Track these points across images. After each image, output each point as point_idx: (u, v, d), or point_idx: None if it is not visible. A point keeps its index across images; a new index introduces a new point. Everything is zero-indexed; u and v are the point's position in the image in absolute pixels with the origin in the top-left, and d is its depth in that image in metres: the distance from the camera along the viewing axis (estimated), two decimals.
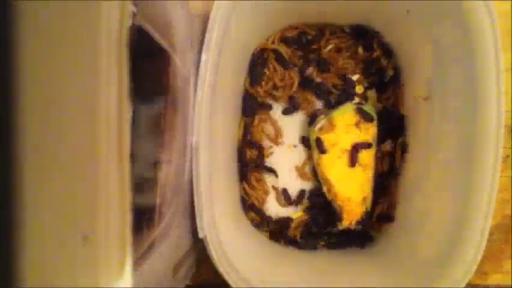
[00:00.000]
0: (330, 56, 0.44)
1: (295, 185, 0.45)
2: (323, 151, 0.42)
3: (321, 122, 0.42)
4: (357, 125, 0.42)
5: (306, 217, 0.44)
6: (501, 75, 0.31)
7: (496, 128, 0.32)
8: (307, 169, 0.45)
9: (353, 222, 0.42)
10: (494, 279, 0.45)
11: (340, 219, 0.42)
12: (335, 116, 0.42)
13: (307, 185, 0.45)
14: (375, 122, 0.42)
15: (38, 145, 0.14)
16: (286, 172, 0.45)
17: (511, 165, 0.45)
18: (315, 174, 0.44)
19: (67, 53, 0.16)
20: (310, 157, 0.44)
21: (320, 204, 0.44)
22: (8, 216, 0.13)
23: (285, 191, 0.44)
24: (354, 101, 0.44)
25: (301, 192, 0.44)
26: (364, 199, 0.42)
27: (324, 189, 0.43)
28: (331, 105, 0.44)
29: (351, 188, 0.42)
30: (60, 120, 0.16)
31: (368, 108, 0.43)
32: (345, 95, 0.44)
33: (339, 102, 0.44)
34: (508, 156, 0.45)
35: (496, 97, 0.32)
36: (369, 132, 0.42)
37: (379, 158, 0.43)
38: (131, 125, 0.18)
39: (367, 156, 0.42)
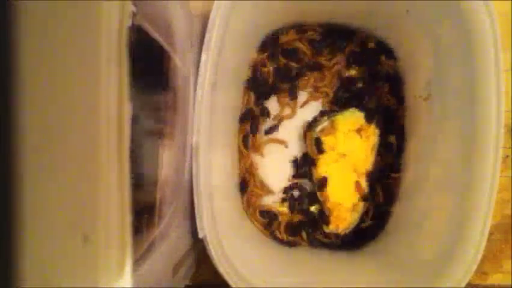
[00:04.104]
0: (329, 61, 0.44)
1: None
2: (320, 151, 0.42)
3: (323, 123, 0.42)
4: (358, 131, 0.42)
5: (292, 215, 0.44)
6: (501, 75, 0.32)
7: (496, 128, 0.32)
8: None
9: (340, 228, 0.42)
10: (494, 279, 0.45)
11: (327, 223, 0.42)
12: (337, 120, 0.42)
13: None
14: (376, 131, 0.42)
15: (38, 145, 0.14)
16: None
17: (511, 165, 0.45)
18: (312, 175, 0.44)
19: (67, 53, 0.16)
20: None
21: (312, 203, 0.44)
22: (8, 216, 0.13)
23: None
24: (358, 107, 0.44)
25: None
26: (354, 206, 0.42)
27: (317, 190, 0.43)
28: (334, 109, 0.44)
29: (343, 193, 0.42)
30: (60, 120, 0.16)
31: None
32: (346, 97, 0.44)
33: (343, 106, 0.44)
34: (508, 156, 0.45)
35: (496, 97, 0.32)
36: (369, 139, 0.42)
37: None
38: (131, 125, 0.18)
39: (364, 164, 0.42)
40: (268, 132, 0.44)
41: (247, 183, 0.43)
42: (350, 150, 0.42)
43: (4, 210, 0.13)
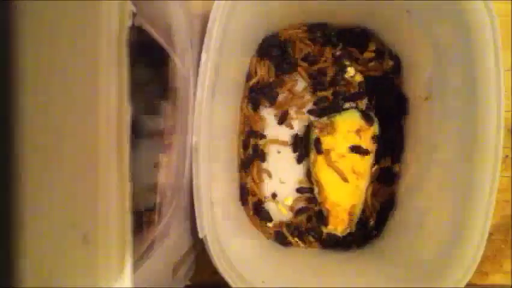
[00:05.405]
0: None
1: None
2: (319, 151, 0.42)
3: (324, 123, 0.43)
4: (357, 132, 0.42)
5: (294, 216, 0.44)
6: (501, 75, 0.31)
7: (496, 128, 0.32)
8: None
9: (338, 229, 0.42)
10: (494, 279, 0.45)
11: (326, 224, 0.42)
12: (337, 120, 0.42)
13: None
14: (375, 129, 0.42)
15: (38, 145, 0.14)
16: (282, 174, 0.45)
17: (511, 165, 0.45)
18: (310, 175, 0.44)
19: (67, 53, 0.16)
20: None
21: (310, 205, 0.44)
22: (8, 216, 0.13)
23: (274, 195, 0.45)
24: (357, 108, 0.44)
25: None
26: (352, 207, 0.42)
27: (316, 190, 0.43)
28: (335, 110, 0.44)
29: (341, 194, 0.42)
30: (60, 120, 0.16)
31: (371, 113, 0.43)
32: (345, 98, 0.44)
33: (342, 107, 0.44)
34: (508, 156, 0.45)
35: (496, 97, 0.32)
36: (368, 140, 0.42)
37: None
38: (131, 125, 0.18)
39: (363, 165, 0.42)
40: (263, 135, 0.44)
41: (247, 189, 0.43)
42: (349, 151, 0.42)
43: (4, 210, 0.13)
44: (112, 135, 0.17)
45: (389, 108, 0.43)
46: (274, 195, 0.44)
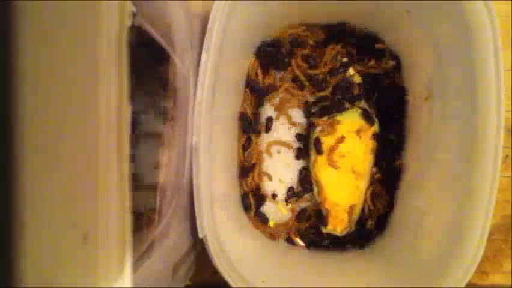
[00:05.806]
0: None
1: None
2: (319, 152, 0.42)
3: (324, 123, 0.43)
4: (357, 132, 0.42)
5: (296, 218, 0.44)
6: (501, 75, 0.31)
7: (496, 128, 0.32)
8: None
9: (337, 229, 0.42)
10: (494, 279, 0.45)
11: (325, 224, 0.42)
12: (337, 120, 0.42)
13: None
14: (375, 129, 0.42)
15: (38, 145, 0.14)
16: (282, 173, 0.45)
17: (511, 165, 0.45)
18: (310, 175, 0.44)
19: (67, 53, 0.16)
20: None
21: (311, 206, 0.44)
22: (8, 216, 0.13)
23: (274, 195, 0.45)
24: (358, 109, 0.44)
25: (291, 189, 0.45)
26: (352, 207, 0.42)
27: (315, 190, 0.43)
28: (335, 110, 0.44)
29: (340, 194, 0.42)
30: (60, 120, 0.16)
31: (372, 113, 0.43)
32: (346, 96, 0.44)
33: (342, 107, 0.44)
34: (508, 156, 0.45)
35: (496, 97, 0.32)
36: (368, 140, 0.42)
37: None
38: (131, 125, 0.18)
39: (362, 165, 0.42)
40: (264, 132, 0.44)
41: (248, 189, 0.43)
42: (349, 151, 0.42)
43: (4, 210, 0.13)
44: (112, 135, 0.17)
45: (389, 108, 0.43)
46: (274, 196, 0.44)
